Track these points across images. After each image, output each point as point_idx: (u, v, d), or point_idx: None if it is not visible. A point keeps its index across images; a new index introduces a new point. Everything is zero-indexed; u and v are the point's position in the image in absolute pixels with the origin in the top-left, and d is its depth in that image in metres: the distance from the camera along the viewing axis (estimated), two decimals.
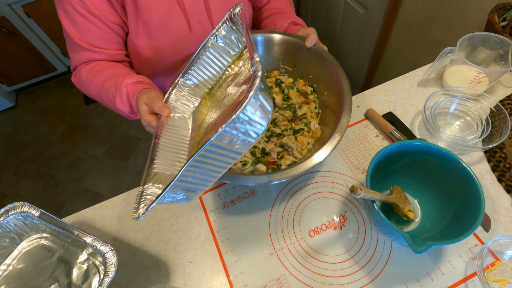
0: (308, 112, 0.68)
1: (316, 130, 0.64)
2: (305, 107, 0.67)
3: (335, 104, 0.61)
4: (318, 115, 0.68)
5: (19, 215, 0.54)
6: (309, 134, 0.64)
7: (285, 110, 0.68)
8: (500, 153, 0.64)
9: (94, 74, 0.62)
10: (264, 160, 0.61)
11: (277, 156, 0.61)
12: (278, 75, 0.75)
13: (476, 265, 0.51)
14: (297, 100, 0.69)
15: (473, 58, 0.74)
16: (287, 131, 0.65)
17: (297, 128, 0.65)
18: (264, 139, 0.64)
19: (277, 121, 0.67)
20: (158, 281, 0.57)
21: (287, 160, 0.60)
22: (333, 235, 0.59)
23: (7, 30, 1.81)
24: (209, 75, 0.61)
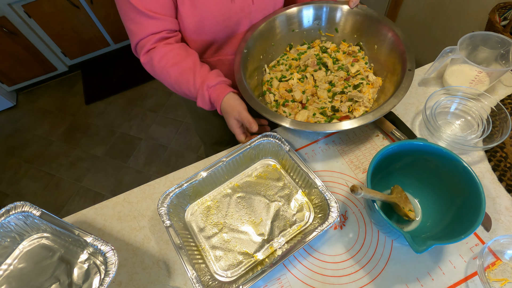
0: (361, 69, 0.72)
1: (375, 80, 0.69)
2: (356, 65, 0.71)
3: (391, 51, 0.67)
4: (371, 69, 0.73)
5: (20, 215, 0.54)
6: (370, 86, 0.68)
7: (338, 71, 0.72)
8: (501, 152, 0.64)
9: (167, 61, 0.65)
10: (336, 117, 0.66)
11: (348, 109, 0.66)
12: (320, 44, 0.79)
13: (476, 265, 0.51)
14: (346, 60, 0.74)
15: (474, 57, 0.74)
16: (346, 88, 0.69)
17: (357, 83, 0.69)
18: (328, 100, 0.69)
19: (334, 82, 0.71)
20: (159, 281, 0.57)
21: (359, 111, 0.65)
22: (334, 235, 0.59)
23: (7, 30, 1.81)
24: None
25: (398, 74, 0.63)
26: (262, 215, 0.60)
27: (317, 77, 0.72)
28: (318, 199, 0.58)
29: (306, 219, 0.59)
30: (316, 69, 0.74)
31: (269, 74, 0.76)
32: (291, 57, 0.79)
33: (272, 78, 0.74)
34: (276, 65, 0.78)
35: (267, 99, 0.72)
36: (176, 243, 0.53)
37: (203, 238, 0.59)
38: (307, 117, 0.66)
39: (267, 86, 0.74)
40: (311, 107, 0.68)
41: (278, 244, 0.57)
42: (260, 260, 0.56)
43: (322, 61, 0.74)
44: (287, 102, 0.69)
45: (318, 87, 0.71)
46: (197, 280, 0.49)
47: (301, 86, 0.71)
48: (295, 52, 0.79)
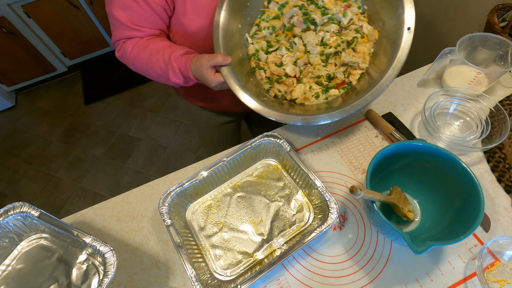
0: (354, 17, 0.63)
1: (371, 32, 0.61)
2: (348, 12, 0.63)
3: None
4: (365, 14, 0.64)
5: (18, 215, 0.54)
6: (365, 40, 0.61)
7: (329, 25, 0.64)
8: (500, 153, 0.64)
9: (138, 49, 0.64)
10: (333, 85, 0.62)
11: (343, 75, 0.61)
12: None
13: (475, 266, 0.51)
14: (336, 8, 0.63)
15: (473, 58, 0.75)
16: (340, 45, 0.62)
17: (350, 39, 0.61)
18: (322, 64, 0.63)
19: (325, 40, 0.63)
20: (158, 281, 0.56)
21: (356, 75, 0.61)
22: (333, 235, 0.59)
23: (7, 30, 1.81)
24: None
25: (396, 31, 0.55)
26: (262, 215, 0.60)
27: (307, 40, 0.63)
28: (318, 199, 0.58)
29: (306, 220, 0.59)
30: (304, 29, 0.64)
31: (253, 45, 0.66)
32: (272, 14, 0.67)
33: (258, 51, 0.65)
34: (257, 31, 0.67)
35: (257, 76, 0.65)
36: (176, 242, 0.53)
37: (204, 237, 0.59)
38: (304, 92, 0.62)
39: (254, 61, 0.66)
40: (306, 79, 0.63)
41: (278, 244, 0.57)
42: (259, 260, 0.56)
43: (309, 18, 0.64)
44: (281, 78, 0.63)
45: (309, 53, 0.63)
46: (196, 279, 0.49)
47: (292, 56, 0.64)
48: (274, 6, 0.68)
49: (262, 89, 0.64)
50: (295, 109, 0.60)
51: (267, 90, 0.64)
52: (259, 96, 0.60)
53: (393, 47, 0.55)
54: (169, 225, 0.55)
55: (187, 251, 0.53)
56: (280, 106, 0.60)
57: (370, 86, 0.54)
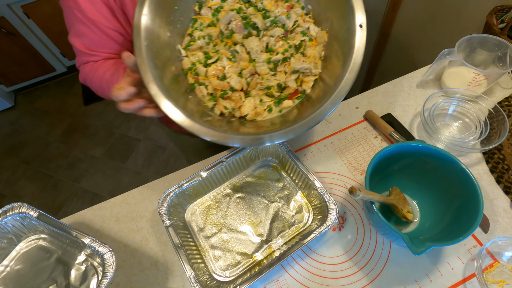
0: (298, 18, 0.57)
1: (319, 34, 0.56)
2: (292, 14, 0.56)
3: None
4: (310, 15, 0.58)
5: (17, 216, 0.54)
6: (313, 43, 0.56)
7: (273, 29, 0.57)
8: (499, 154, 0.64)
9: (94, 70, 0.63)
10: (285, 95, 0.56)
11: (296, 83, 0.55)
12: None
13: (474, 267, 0.51)
14: (278, 9, 0.57)
15: (472, 59, 0.75)
16: (287, 51, 0.56)
17: (298, 43, 0.56)
18: (270, 74, 0.57)
19: (271, 46, 0.56)
20: (157, 282, 0.56)
21: (309, 82, 0.55)
22: (332, 236, 0.59)
23: (6, 31, 1.81)
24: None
25: (347, 30, 0.50)
26: (261, 215, 0.60)
27: (250, 47, 0.56)
28: (317, 200, 0.58)
29: (305, 221, 0.59)
30: (245, 35, 0.57)
31: (188, 58, 0.57)
32: (206, 22, 0.58)
33: (195, 64, 0.56)
34: (191, 42, 0.58)
35: (198, 93, 0.56)
36: (175, 243, 0.53)
37: (203, 238, 0.59)
38: (254, 106, 0.55)
39: (192, 76, 0.56)
40: (255, 92, 0.56)
41: (277, 245, 0.57)
42: (258, 261, 0.56)
43: (249, 22, 0.57)
44: (226, 93, 0.56)
45: (255, 62, 0.56)
46: (195, 280, 0.49)
47: (235, 66, 0.56)
48: (208, 12, 0.59)
49: (206, 108, 0.55)
50: (247, 127, 0.53)
51: (211, 109, 0.55)
52: (202, 116, 0.51)
53: (346, 48, 0.49)
54: (168, 225, 0.55)
55: (186, 252, 0.52)
56: (229, 126, 0.52)
57: (327, 94, 0.49)
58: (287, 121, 0.51)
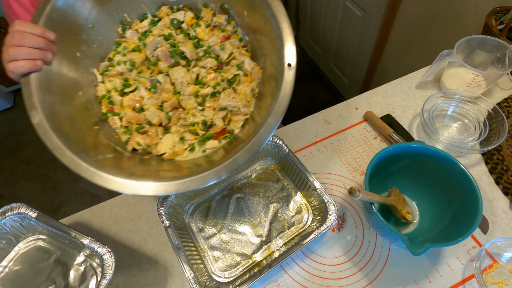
0: (235, 49, 0.53)
1: (254, 70, 0.52)
2: (228, 45, 0.52)
3: (266, 22, 0.47)
4: (247, 48, 0.54)
5: (16, 217, 0.53)
6: (248, 78, 0.52)
7: (205, 59, 0.53)
8: (498, 155, 0.65)
9: None
10: (211, 134, 0.50)
11: (223, 122, 0.50)
12: (169, 12, 0.55)
13: (474, 267, 0.51)
14: (213, 39, 0.53)
15: (471, 61, 0.75)
16: (219, 85, 0.51)
17: (231, 77, 0.51)
18: (198, 109, 0.51)
19: (202, 78, 0.52)
20: (156, 283, 0.56)
21: (238, 121, 0.50)
22: (332, 237, 0.59)
23: (5, 31, 1.80)
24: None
25: (276, 68, 0.46)
26: (260, 216, 0.60)
27: (175, 78, 0.50)
28: (316, 201, 0.58)
29: (305, 221, 0.59)
30: (172, 64, 0.51)
31: (104, 85, 0.51)
32: (131, 46, 0.53)
33: (110, 91, 0.50)
34: (110, 67, 0.52)
35: (111, 124, 0.50)
36: (174, 244, 0.53)
37: (202, 239, 0.59)
38: (173, 144, 0.49)
39: (106, 105, 0.50)
40: (176, 128, 0.50)
41: (276, 246, 0.57)
42: (258, 262, 0.56)
43: (177, 51, 0.51)
44: (142, 127, 0.50)
45: (180, 94, 0.51)
46: (194, 281, 0.49)
47: (156, 98, 0.50)
48: (134, 35, 0.54)
49: (119, 142, 0.49)
50: (163, 168, 0.47)
51: (125, 143, 0.50)
52: (114, 152, 0.46)
53: (276, 88, 0.45)
54: (168, 226, 0.55)
55: (186, 252, 0.52)
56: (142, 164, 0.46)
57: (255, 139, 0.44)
58: (213, 163, 0.45)
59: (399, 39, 1.33)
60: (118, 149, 0.48)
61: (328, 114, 0.76)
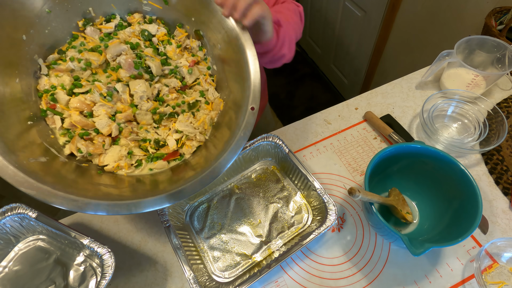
0: (201, 76, 0.52)
1: (216, 101, 0.52)
2: (195, 70, 0.52)
3: (239, 61, 0.47)
4: (214, 77, 0.54)
5: (15, 217, 0.53)
6: (209, 107, 0.51)
7: (170, 78, 0.51)
8: (497, 155, 0.65)
9: None
10: (161, 154, 0.48)
11: (176, 143, 0.49)
12: (141, 21, 0.53)
13: (474, 268, 0.51)
14: (180, 60, 0.52)
15: (471, 61, 0.75)
16: (180, 106, 0.50)
17: (192, 102, 0.51)
18: (153, 125, 0.49)
19: (163, 95, 0.50)
20: (156, 283, 0.56)
21: (191, 147, 0.49)
22: (332, 237, 0.59)
23: None
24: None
25: (240, 107, 0.46)
26: (260, 216, 0.60)
27: (136, 91, 0.47)
28: (316, 201, 0.58)
29: (304, 221, 0.59)
30: (134, 75, 0.48)
31: (48, 79, 0.46)
32: (90, 44, 0.49)
33: (55, 88, 0.46)
34: (60, 60, 0.48)
35: (50, 123, 0.46)
36: (174, 244, 0.53)
37: (202, 239, 0.59)
38: (119, 158, 0.46)
39: (46, 101, 0.45)
40: (125, 141, 0.47)
41: (276, 246, 0.57)
42: (257, 262, 0.56)
43: (142, 64, 0.49)
44: (88, 134, 0.46)
45: (136, 108, 0.48)
46: (194, 281, 0.49)
47: (109, 107, 0.46)
48: (95, 34, 0.50)
49: (54, 143, 0.45)
50: (102, 180, 0.44)
51: (61, 146, 0.45)
52: (47, 154, 0.42)
53: (234, 125, 0.46)
54: (167, 226, 0.55)
55: (185, 252, 0.52)
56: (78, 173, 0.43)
57: (205, 166, 0.44)
58: (156, 184, 0.44)
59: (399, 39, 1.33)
60: (52, 151, 0.43)
61: (328, 114, 0.76)
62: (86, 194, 0.38)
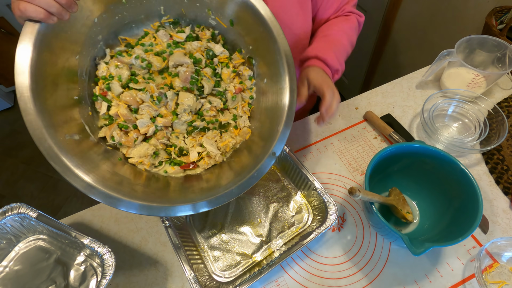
0: (240, 104, 0.55)
1: (245, 129, 0.55)
2: (239, 97, 0.55)
3: (276, 104, 0.51)
4: (251, 108, 0.57)
5: (16, 217, 0.53)
6: (236, 132, 0.54)
7: (215, 97, 0.54)
8: (498, 155, 0.65)
9: None
10: (180, 161, 0.51)
11: (197, 156, 0.51)
12: (209, 38, 0.54)
13: (474, 267, 0.51)
14: (231, 83, 0.54)
15: (471, 60, 0.75)
16: (213, 123, 0.54)
17: (224, 122, 0.54)
18: (183, 135, 0.52)
19: (203, 110, 0.53)
20: (156, 283, 0.56)
21: (208, 163, 0.52)
22: (332, 237, 0.59)
23: (5, 31, 1.80)
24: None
25: (263, 146, 0.50)
26: (261, 216, 0.60)
27: (183, 103, 0.50)
28: (317, 201, 0.58)
29: (305, 221, 0.59)
30: (186, 87, 0.51)
31: (107, 67, 0.48)
32: (158, 48, 0.51)
33: (112, 78, 0.48)
34: (126, 52, 0.50)
35: (97, 107, 0.48)
36: (175, 243, 0.53)
37: (202, 238, 0.59)
38: (145, 155, 0.48)
39: (100, 88, 0.48)
40: (155, 141, 0.50)
41: (276, 245, 0.57)
42: (258, 261, 0.56)
43: (199, 82, 0.51)
44: (126, 128, 0.48)
45: (177, 117, 0.50)
46: (195, 280, 0.49)
47: (154, 109, 0.49)
48: (164, 38, 0.52)
49: (91, 122, 0.47)
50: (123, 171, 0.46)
51: (97, 127, 0.48)
52: (81, 133, 0.44)
53: (252, 160, 0.49)
54: (168, 226, 0.55)
55: (186, 252, 0.52)
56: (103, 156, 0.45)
57: (213, 188, 0.47)
58: (168, 184, 0.48)
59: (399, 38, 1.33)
60: (86, 130, 0.46)
61: None
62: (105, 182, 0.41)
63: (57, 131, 0.40)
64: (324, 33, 0.63)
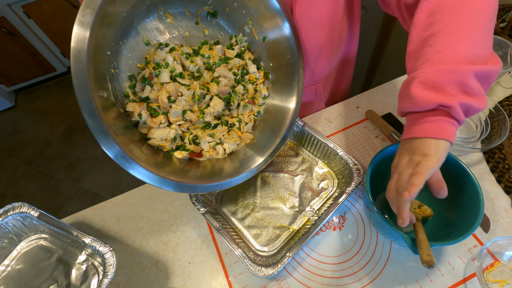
0: (249, 110, 0.61)
1: (247, 134, 0.60)
2: (248, 107, 0.60)
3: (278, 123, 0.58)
4: (257, 118, 0.62)
5: (18, 216, 0.54)
6: (239, 133, 0.59)
7: (240, 108, 0.61)
8: (499, 154, 0.64)
9: None
10: (189, 150, 0.54)
11: (208, 147, 0.55)
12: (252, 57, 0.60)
13: (475, 266, 0.51)
14: (248, 97, 0.60)
15: None
16: (222, 124, 0.59)
17: (230, 122, 0.59)
18: (200, 126, 0.56)
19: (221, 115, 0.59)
20: (157, 282, 0.56)
21: (211, 153, 0.55)
22: (333, 236, 0.59)
23: (6, 31, 1.81)
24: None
25: (258, 149, 0.57)
26: (289, 189, 0.63)
27: (212, 107, 0.55)
28: (338, 166, 0.62)
29: (331, 186, 0.62)
30: (219, 96, 0.56)
31: (163, 53, 0.52)
32: (212, 60, 0.56)
33: (167, 66, 0.51)
34: (181, 47, 0.54)
35: (138, 85, 0.51)
36: (216, 226, 0.54)
37: (237, 221, 0.61)
38: (164, 138, 0.51)
39: (150, 71, 0.50)
40: (175, 126, 0.52)
41: (311, 213, 0.60)
42: (296, 230, 0.58)
43: (233, 98, 0.57)
44: (157, 115, 0.51)
45: (203, 115, 0.55)
46: (244, 257, 0.51)
47: (189, 104, 0.53)
48: (220, 52, 0.57)
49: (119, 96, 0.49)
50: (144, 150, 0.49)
51: (131, 100, 0.50)
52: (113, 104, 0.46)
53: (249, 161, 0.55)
54: (205, 212, 0.56)
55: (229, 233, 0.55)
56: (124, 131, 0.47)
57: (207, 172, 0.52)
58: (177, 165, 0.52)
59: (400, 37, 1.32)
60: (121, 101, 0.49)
61: (329, 113, 0.76)
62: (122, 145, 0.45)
63: (94, 87, 0.41)
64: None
